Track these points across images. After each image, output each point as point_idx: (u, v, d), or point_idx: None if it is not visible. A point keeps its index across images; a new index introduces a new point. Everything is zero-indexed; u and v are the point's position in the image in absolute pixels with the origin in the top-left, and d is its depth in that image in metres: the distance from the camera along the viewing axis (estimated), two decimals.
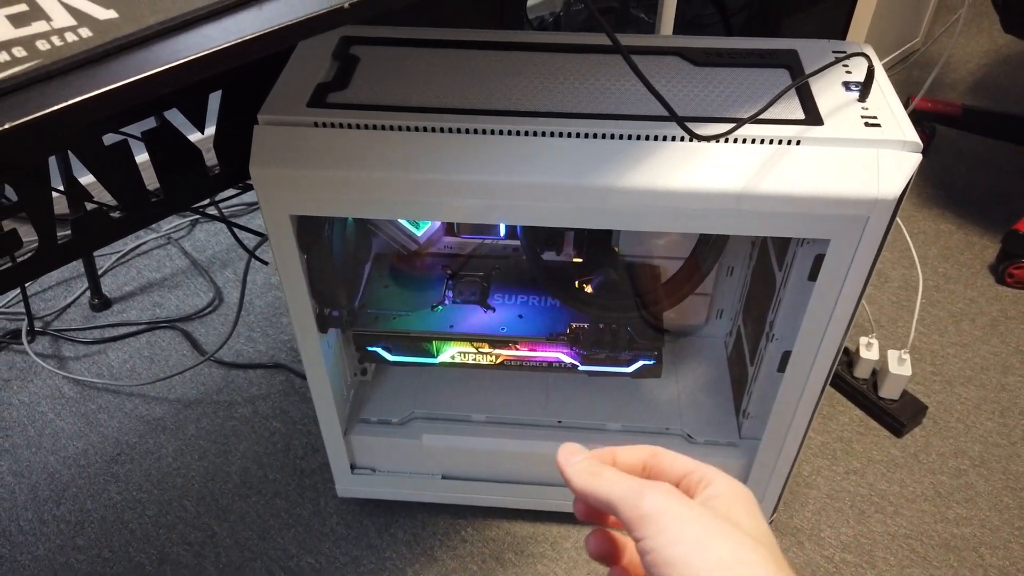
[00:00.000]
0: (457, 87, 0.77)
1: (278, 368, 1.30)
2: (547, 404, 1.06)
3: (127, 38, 0.45)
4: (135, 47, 0.45)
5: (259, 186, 0.75)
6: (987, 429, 1.22)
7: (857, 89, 0.76)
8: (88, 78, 0.43)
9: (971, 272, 1.47)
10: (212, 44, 0.44)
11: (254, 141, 0.73)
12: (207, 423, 1.22)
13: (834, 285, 0.77)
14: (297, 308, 0.85)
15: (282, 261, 0.81)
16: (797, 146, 0.70)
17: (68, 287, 1.43)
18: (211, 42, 0.45)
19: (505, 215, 0.79)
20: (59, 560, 1.06)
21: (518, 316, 0.99)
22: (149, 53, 0.45)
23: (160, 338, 1.35)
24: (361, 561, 1.06)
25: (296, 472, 1.16)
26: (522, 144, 0.72)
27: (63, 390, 1.27)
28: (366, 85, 0.77)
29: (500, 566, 1.06)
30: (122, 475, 1.16)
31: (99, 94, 0.41)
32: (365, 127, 0.73)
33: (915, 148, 0.70)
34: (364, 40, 0.84)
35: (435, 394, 1.07)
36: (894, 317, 1.37)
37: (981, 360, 1.31)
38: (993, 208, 1.59)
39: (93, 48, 0.44)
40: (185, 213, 1.55)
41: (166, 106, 0.89)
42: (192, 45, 0.45)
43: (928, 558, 1.06)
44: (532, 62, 0.80)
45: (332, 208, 0.77)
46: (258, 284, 1.44)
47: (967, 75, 1.98)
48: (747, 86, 0.77)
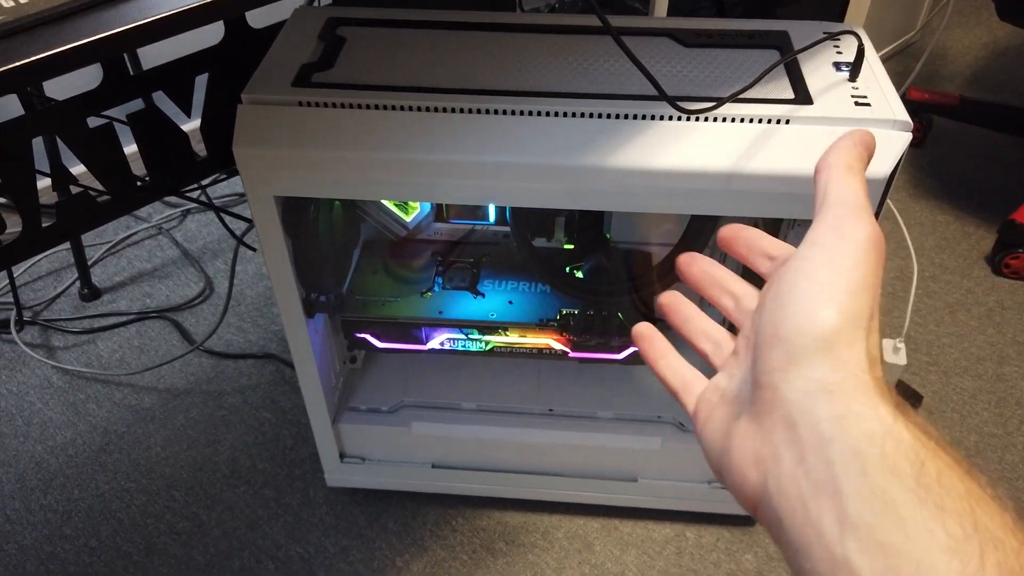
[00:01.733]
0: (444, 67, 0.76)
1: (268, 358, 1.29)
2: (538, 392, 1.05)
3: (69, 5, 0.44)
4: (103, 5, 0.44)
5: (243, 167, 0.74)
6: (983, 419, 1.21)
7: (847, 69, 0.75)
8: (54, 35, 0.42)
9: (968, 262, 1.46)
10: (180, 4, 0.44)
11: (237, 121, 0.72)
12: (196, 413, 1.21)
13: None
14: (283, 293, 0.84)
15: (267, 244, 0.80)
16: (787, 125, 0.69)
17: (58, 277, 1.42)
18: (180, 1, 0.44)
19: (493, 196, 0.78)
20: (46, 549, 1.05)
21: (508, 302, 0.98)
22: (117, 12, 0.44)
23: (150, 328, 1.34)
24: (350, 551, 1.05)
25: (285, 462, 1.15)
26: (510, 124, 0.71)
27: (52, 379, 1.26)
28: (352, 65, 0.76)
29: (491, 556, 1.05)
30: (110, 464, 1.15)
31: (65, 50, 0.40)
32: (351, 106, 0.72)
33: (905, 127, 0.69)
34: (351, 21, 0.83)
35: (425, 382, 1.06)
36: (889, 307, 1.36)
37: (977, 350, 1.30)
38: (990, 199, 1.58)
39: (59, 5, 0.43)
40: (175, 203, 1.54)
41: (152, 88, 0.88)
42: (161, 3, 0.44)
43: None
44: (521, 43, 0.79)
45: (317, 189, 0.76)
46: (249, 274, 1.43)
47: (964, 67, 1.97)
48: (736, 66, 0.76)
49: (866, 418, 0.27)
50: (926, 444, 0.26)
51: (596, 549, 1.05)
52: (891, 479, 0.25)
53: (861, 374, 0.28)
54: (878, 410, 0.27)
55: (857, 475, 0.26)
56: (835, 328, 0.29)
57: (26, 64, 0.38)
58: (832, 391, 0.28)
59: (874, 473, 0.25)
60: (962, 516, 0.24)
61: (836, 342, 0.28)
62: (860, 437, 0.26)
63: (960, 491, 0.25)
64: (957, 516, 0.24)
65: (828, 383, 0.28)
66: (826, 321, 0.29)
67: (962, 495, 0.25)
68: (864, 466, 0.26)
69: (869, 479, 0.25)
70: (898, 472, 0.25)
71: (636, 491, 1.04)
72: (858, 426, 0.27)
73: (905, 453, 0.26)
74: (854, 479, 0.26)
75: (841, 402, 0.27)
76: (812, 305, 0.29)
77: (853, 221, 0.31)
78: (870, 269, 0.30)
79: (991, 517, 0.25)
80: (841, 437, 0.27)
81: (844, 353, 0.28)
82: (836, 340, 0.28)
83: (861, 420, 0.27)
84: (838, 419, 0.27)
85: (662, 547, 1.05)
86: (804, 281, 0.30)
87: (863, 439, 0.26)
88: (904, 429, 0.27)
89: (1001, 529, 0.25)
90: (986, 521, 0.25)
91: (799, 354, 0.29)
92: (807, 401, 0.28)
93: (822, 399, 0.28)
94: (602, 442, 1.00)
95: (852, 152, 0.34)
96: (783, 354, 0.29)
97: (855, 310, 0.29)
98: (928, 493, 0.25)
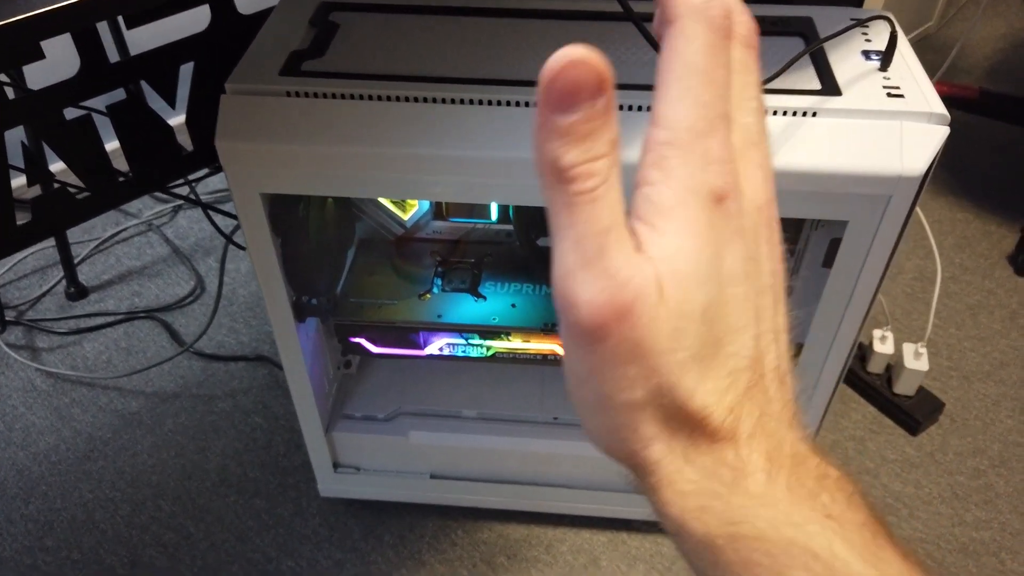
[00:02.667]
0: (444, 55, 0.71)
1: (260, 361, 1.24)
2: (542, 399, 1.01)
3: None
4: None
5: (226, 161, 0.69)
6: (1007, 427, 1.16)
7: (878, 58, 0.69)
8: None
9: (989, 262, 1.41)
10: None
11: (220, 112, 0.67)
12: (185, 418, 1.17)
13: (851, 272, 0.71)
14: (271, 295, 0.79)
15: (254, 244, 0.75)
16: (813, 118, 0.64)
17: (43, 275, 1.38)
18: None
19: (495, 193, 0.74)
20: (25, 562, 1.01)
21: (511, 305, 0.93)
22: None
23: (138, 329, 1.30)
24: (344, 565, 1.01)
25: (277, 470, 1.10)
26: (512, 116, 0.66)
27: (35, 383, 1.22)
28: (345, 53, 0.72)
29: (492, 571, 1.00)
30: (95, 472, 1.10)
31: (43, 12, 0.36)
32: (342, 97, 0.67)
33: (942, 120, 0.64)
34: (345, 6, 0.78)
35: (423, 388, 1.02)
36: (908, 309, 1.31)
37: (1000, 354, 1.25)
38: (1012, 196, 1.52)
39: None
40: (166, 199, 1.49)
41: (133, 77, 0.83)
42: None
43: (945, 563, 1.01)
44: (526, 29, 0.74)
45: (306, 186, 0.71)
46: (242, 273, 1.38)
47: (983, 59, 1.91)
48: (760, 54, 0.70)
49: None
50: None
51: (602, 564, 1.01)
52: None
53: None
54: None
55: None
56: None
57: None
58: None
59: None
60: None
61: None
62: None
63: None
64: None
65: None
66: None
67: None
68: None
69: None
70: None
71: (645, 504, 0.99)
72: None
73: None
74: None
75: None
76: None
77: (554, 296, 0.24)
78: (606, 366, 0.24)
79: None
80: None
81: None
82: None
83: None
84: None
85: (672, 562, 1.01)
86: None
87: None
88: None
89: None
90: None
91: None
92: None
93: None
94: None
95: (541, 133, 0.23)
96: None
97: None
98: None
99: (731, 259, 0.24)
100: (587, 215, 0.22)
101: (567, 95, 0.21)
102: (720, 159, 0.24)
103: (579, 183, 0.22)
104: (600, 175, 0.22)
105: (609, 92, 0.22)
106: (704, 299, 0.23)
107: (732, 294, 0.24)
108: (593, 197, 0.22)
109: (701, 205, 0.23)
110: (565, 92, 0.21)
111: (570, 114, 0.21)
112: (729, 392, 0.24)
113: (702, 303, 0.23)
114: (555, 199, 0.23)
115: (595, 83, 0.21)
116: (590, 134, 0.22)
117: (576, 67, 0.21)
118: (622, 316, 0.22)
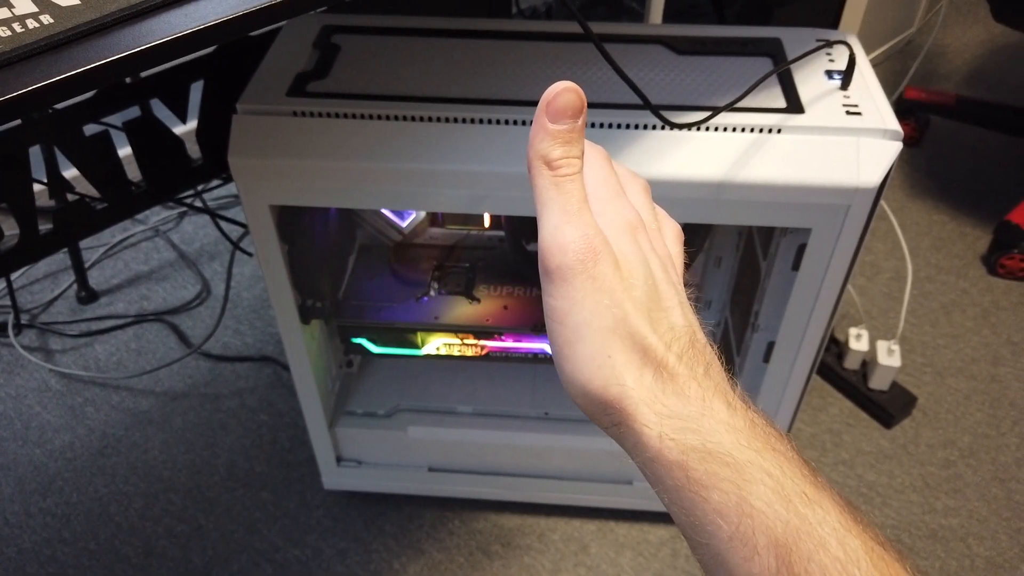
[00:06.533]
0: (439, 76, 0.76)
1: (265, 361, 1.29)
2: (533, 395, 1.06)
3: (88, 25, 0.44)
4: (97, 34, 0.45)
5: (238, 176, 0.74)
6: (976, 420, 1.21)
7: (839, 77, 0.75)
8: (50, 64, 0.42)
9: (963, 263, 1.46)
10: (173, 31, 0.44)
11: (232, 131, 0.72)
12: (194, 416, 1.22)
13: (816, 274, 0.76)
14: (279, 299, 0.84)
15: (263, 252, 0.80)
16: (778, 134, 0.70)
17: (55, 280, 1.43)
18: (173, 29, 0.44)
19: (487, 205, 0.79)
20: (45, 553, 1.06)
21: (503, 307, 0.98)
22: (111, 40, 0.44)
23: (147, 331, 1.35)
24: (347, 554, 1.06)
25: (283, 465, 1.16)
26: (503, 133, 0.71)
27: (49, 383, 1.27)
28: (347, 74, 0.77)
29: (487, 558, 1.06)
30: (108, 468, 1.15)
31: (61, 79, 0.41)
32: (345, 116, 0.72)
33: (895, 136, 0.69)
34: (346, 29, 0.83)
35: (421, 386, 1.07)
36: (885, 308, 1.37)
37: (972, 351, 1.31)
38: (986, 198, 1.58)
39: (55, 34, 0.44)
40: (172, 205, 1.54)
41: (147, 96, 0.88)
42: (155, 31, 0.44)
43: (915, 549, 1.06)
44: (516, 50, 0.80)
45: (312, 198, 0.76)
46: (246, 276, 1.43)
47: (961, 65, 1.97)
48: (728, 74, 0.76)
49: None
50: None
51: (592, 551, 1.06)
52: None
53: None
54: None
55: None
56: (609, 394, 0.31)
57: (20, 95, 0.38)
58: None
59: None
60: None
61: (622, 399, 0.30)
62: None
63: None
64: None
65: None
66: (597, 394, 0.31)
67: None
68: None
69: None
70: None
71: (631, 494, 1.04)
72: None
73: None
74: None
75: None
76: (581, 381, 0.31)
77: (543, 252, 0.31)
78: (585, 296, 0.31)
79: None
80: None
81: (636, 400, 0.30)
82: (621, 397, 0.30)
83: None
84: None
85: (657, 549, 1.06)
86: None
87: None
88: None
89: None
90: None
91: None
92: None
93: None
94: (597, 445, 1.01)
95: (539, 136, 0.32)
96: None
97: (601, 359, 0.30)
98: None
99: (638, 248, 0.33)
100: (568, 190, 0.32)
101: (561, 111, 0.32)
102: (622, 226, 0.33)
103: (564, 170, 0.32)
104: (576, 167, 0.32)
105: (584, 115, 0.32)
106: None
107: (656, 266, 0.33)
108: (572, 179, 0.32)
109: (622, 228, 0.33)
110: (560, 109, 0.31)
111: (561, 124, 0.32)
112: (675, 343, 0.31)
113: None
114: (543, 183, 0.32)
115: (579, 107, 0.32)
116: (571, 140, 0.32)
117: (568, 93, 0.32)
118: (596, 255, 0.30)
